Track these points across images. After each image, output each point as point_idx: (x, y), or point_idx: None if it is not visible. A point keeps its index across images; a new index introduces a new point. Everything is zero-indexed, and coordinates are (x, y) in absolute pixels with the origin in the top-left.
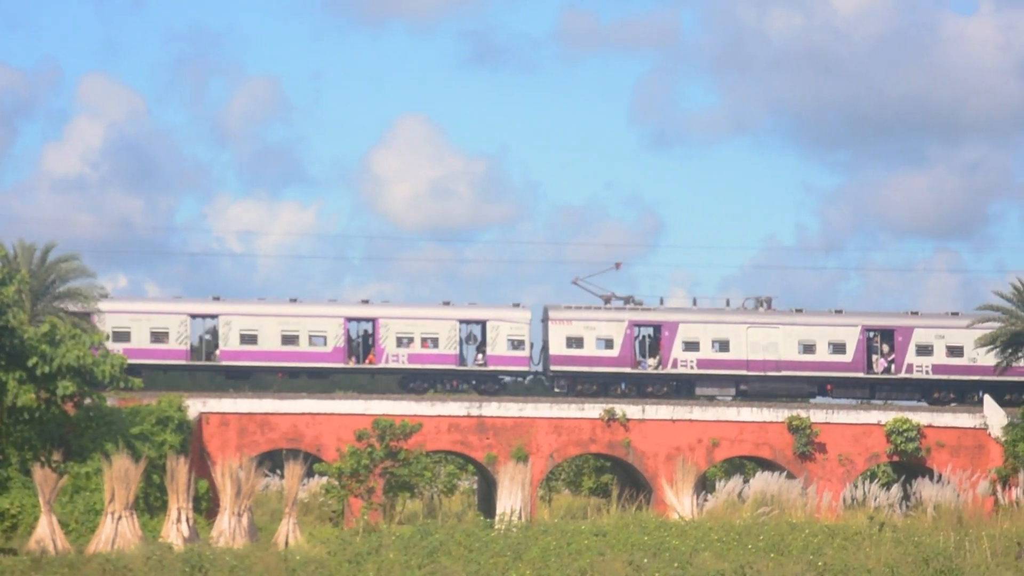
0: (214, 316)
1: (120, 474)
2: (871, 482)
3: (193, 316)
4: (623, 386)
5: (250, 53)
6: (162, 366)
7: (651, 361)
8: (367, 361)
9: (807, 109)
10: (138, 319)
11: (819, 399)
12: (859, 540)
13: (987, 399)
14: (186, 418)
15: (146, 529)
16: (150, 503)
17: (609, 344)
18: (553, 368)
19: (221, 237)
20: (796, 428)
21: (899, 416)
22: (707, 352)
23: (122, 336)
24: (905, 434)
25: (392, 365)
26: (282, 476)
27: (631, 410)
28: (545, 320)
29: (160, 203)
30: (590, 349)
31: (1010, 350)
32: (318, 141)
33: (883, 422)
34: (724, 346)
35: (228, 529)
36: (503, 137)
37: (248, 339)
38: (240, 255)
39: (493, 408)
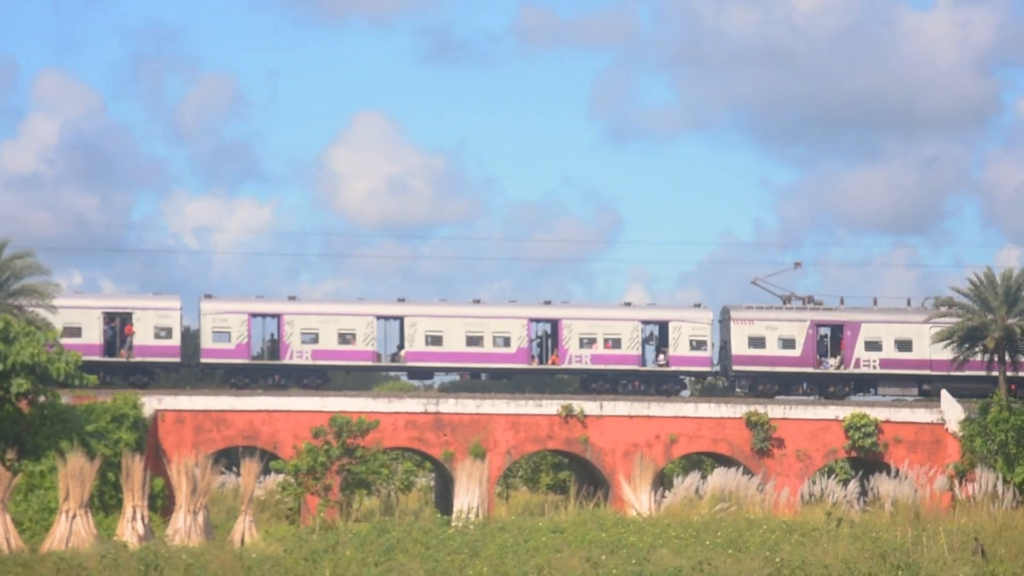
0: (399, 318)
1: (75, 472)
2: (829, 478)
3: (379, 317)
4: (804, 386)
5: (207, 50)
6: (349, 367)
7: (832, 361)
8: (550, 362)
9: (764, 105)
10: (326, 321)
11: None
12: (816, 536)
13: (944, 394)
14: (141, 415)
15: (101, 527)
16: (105, 501)
17: (791, 344)
18: (735, 368)
19: (178, 234)
20: (754, 424)
21: (857, 412)
22: (889, 352)
23: (312, 338)
24: (863, 429)
25: (575, 366)
26: (238, 474)
27: (589, 406)
28: (726, 320)
29: (116, 200)
30: (772, 349)
31: (967, 345)
32: (275, 138)
33: (841, 418)
34: (906, 346)
35: (184, 527)
36: (461, 133)
37: (433, 340)
38: (197, 252)
39: (450, 405)
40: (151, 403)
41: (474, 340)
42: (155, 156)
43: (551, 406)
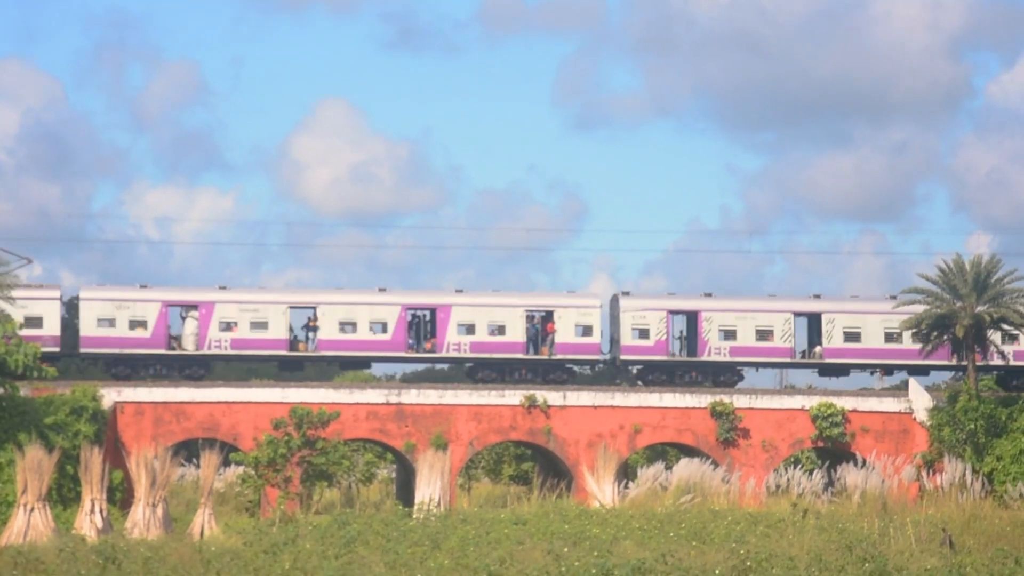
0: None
1: (33, 465)
2: (795, 468)
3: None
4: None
5: (169, 37)
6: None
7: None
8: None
9: (732, 90)
10: (743, 318)
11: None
12: (783, 527)
13: (912, 383)
14: (100, 408)
15: (59, 521)
16: (63, 494)
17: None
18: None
19: (138, 224)
20: (719, 414)
21: (823, 401)
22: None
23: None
24: (830, 419)
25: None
26: (198, 466)
27: (552, 396)
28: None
29: (77, 190)
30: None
31: (935, 333)
32: (237, 126)
33: (807, 407)
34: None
35: (143, 520)
36: (425, 120)
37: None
38: (157, 242)
39: (412, 395)
40: (110, 395)
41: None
42: (116, 145)
43: (514, 396)
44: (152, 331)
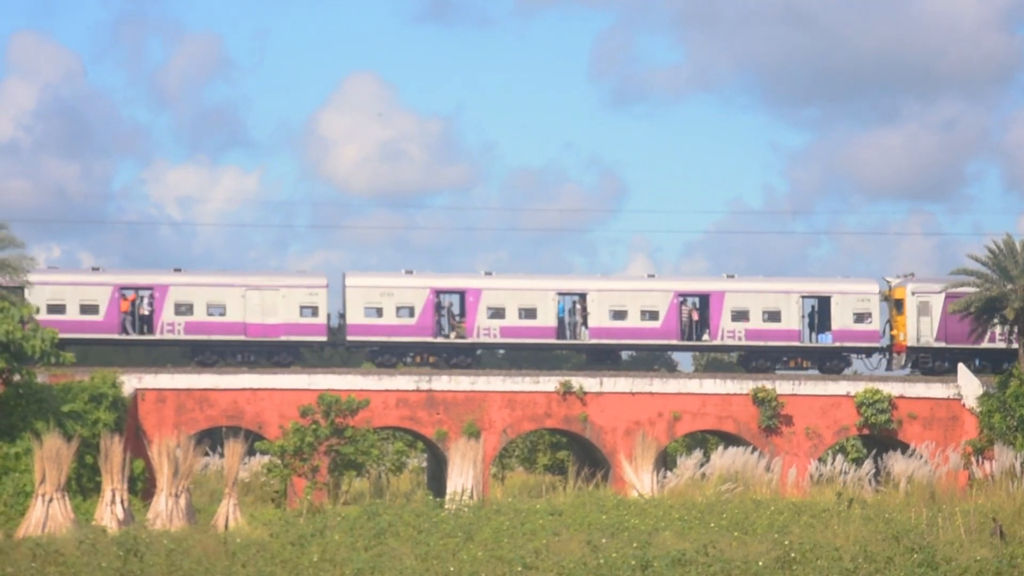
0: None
1: (51, 454)
2: (840, 456)
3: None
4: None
5: (191, 10)
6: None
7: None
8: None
9: (775, 64)
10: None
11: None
12: (827, 517)
13: (961, 368)
14: (121, 395)
15: (79, 512)
16: (83, 484)
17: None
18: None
19: (160, 204)
20: (761, 400)
21: (869, 387)
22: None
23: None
24: (876, 406)
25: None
26: (222, 455)
27: (588, 383)
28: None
29: (96, 169)
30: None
31: (985, 316)
32: (262, 102)
33: (852, 393)
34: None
35: (165, 511)
36: (458, 96)
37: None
38: (180, 223)
39: (444, 382)
40: (131, 382)
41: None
42: (136, 122)
43: (549, 383)
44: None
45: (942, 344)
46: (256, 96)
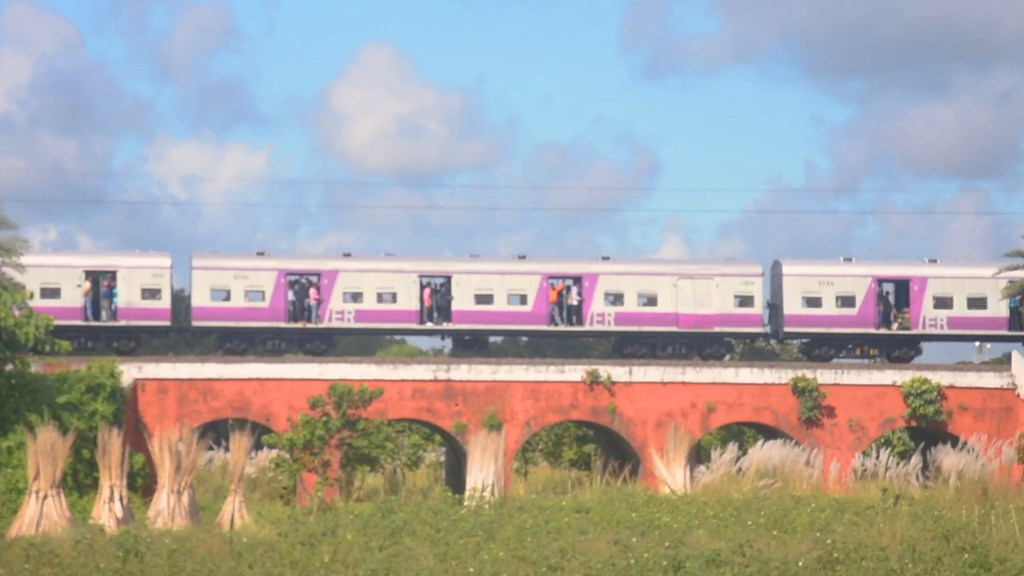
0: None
1: (46, 448)
2: (885, 450)
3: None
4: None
5: None
6: None
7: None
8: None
9: (818, 34)
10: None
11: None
12: (871, 515)
13: (1016, 356)
14: (119, 385)
15: (75, 510)
16: (79, 480)
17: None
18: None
19: (163, 182)
20: (801, 390)
21: (917, 376)
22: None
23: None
24: (924, 396)
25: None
26: (227, 449)
27: (617, 372)
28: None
29: (95, 145)
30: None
31: None
32: (271, 75)
33: (899, 383)
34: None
35: (167, 509)
36: (480, 68)
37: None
38: (184, 203)
39: (463, 371)
40: (130, 372)
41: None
42: (138, 96)
43: (575, 372)
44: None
45: None
46: (265, 68)
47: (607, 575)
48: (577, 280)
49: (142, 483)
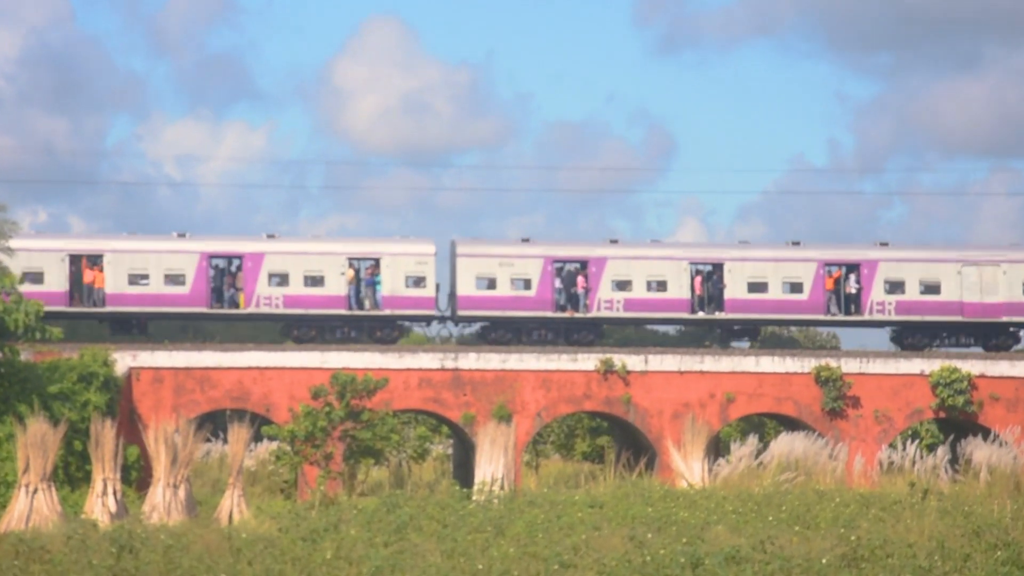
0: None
1: (36, 440)
2: (913, 442)
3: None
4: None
5: None
6: None
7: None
8: None
9: (842, 6)
10: None
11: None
12: (898, 510)
13: None
14: (113, 374)
15: (66, 504)
16: (71, 474)
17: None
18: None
19: (157, 162)
20: (825, 380)
21: (946, 365)
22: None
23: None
24: (953, 386)
25: None
26: (225, 441)
27: (632, 361)
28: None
29: (87, 123)
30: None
31: None
32: (271, 50)
33: (927, 372)
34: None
35: (162, 503)
36: (489, 43)
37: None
38: (179, 184)
39: (471, 360)
40: (124, 360)
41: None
42: (132, 72)
43: (588, 361)
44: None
45: None
46: (265, 43)
47: (621, 572)
48: (855, 267)
49: (137, 476)
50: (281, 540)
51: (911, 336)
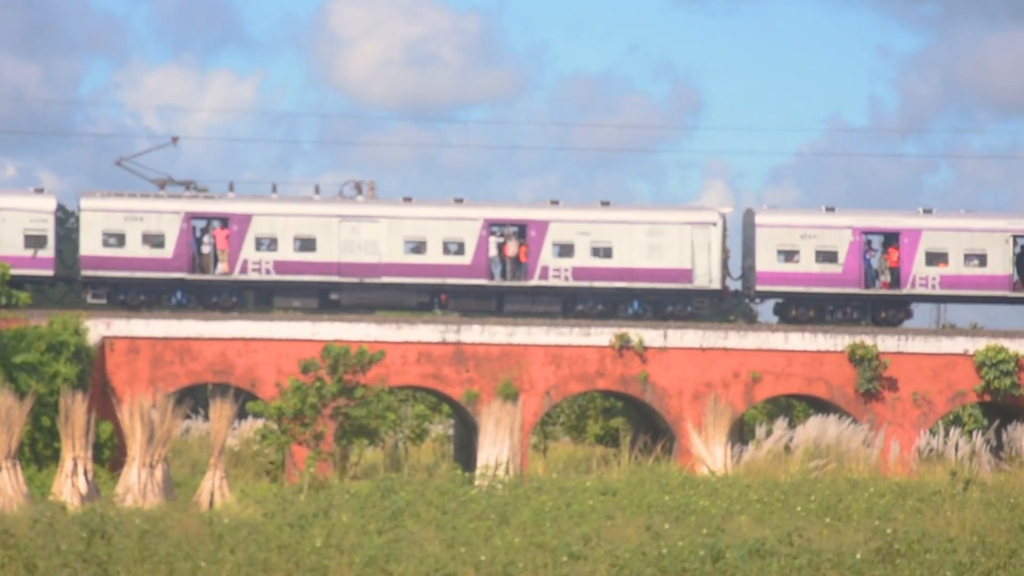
0: None
1: (0, 415)
2: (954, 428)
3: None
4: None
5: None
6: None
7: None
8: None
9: None
10: None
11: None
12: (938, 502)
13: None
14: (85, 343)
15: (33, 484)
16: (38, 452)
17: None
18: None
19: (137, 113)
20: (860, 359)
21: (992, 344)
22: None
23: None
24: (1000, 367)
25: None
26: (206, 418)
27: (650, 336)
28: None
29: (61, 69)
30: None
31: None
32: None
33: (971, 352)
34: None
35: (137, 485)
36: None
37: None
38: (160, 136)
39: (475, 333)
40: (97, 328)
41: None
42: (109, 14)
43: (602, 335)
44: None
45: None
46: None
47: (636, 565)
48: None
49: (110, 455)
50: (266, 526)
51: None
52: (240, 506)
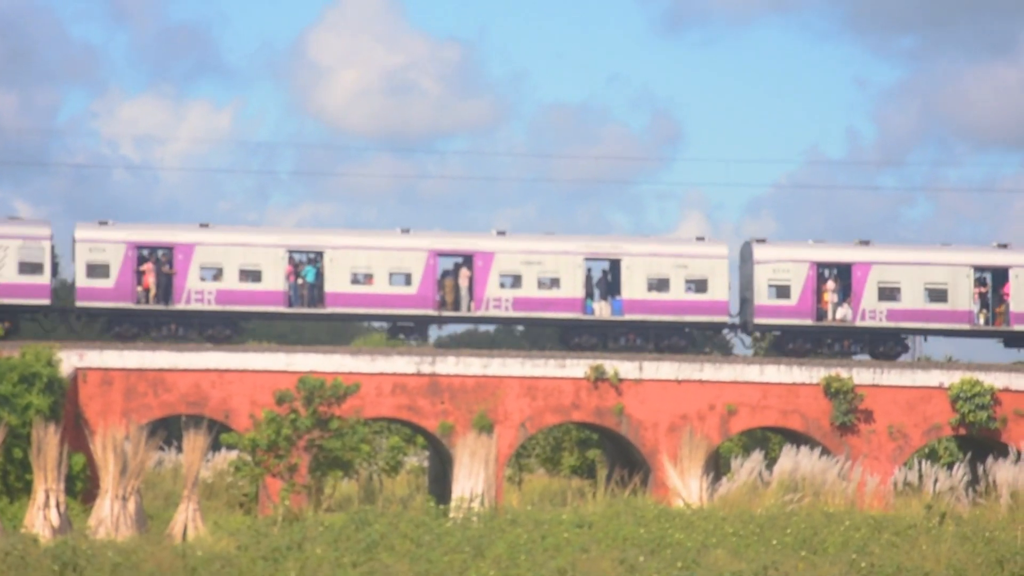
0: None
1: None
2: (930, 462)
3: None
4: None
5: None
6: None
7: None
8: None
9: None
10: None
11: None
12: (914, 535)
13: None
14: (58, 375)
15: (4, 517)
16: (9, 484)
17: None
18: None
19: (114, 142)
20: (835, 392)
21: (968, 377)
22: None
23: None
24: (975, 400)
25: None
26: (180, 450)
27: (625, 368)
28: None
29: (37, 98)
30: None
31: None
32: (240, 20)
33: (947, 385)
34: None
35: (110, 517)
36: (480, 17)
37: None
38: (137, 167)
39: (450, 364)
40: (70, 360)
41: None
42: (87, 43)
43: (577, 367)
44: None
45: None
46: (233, 12)
47: None
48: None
49: (82, 487)
50: (240, 559)
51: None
52: (213, 539)
